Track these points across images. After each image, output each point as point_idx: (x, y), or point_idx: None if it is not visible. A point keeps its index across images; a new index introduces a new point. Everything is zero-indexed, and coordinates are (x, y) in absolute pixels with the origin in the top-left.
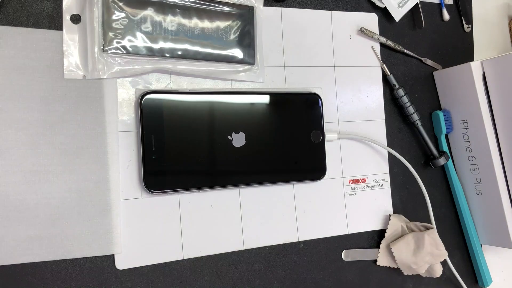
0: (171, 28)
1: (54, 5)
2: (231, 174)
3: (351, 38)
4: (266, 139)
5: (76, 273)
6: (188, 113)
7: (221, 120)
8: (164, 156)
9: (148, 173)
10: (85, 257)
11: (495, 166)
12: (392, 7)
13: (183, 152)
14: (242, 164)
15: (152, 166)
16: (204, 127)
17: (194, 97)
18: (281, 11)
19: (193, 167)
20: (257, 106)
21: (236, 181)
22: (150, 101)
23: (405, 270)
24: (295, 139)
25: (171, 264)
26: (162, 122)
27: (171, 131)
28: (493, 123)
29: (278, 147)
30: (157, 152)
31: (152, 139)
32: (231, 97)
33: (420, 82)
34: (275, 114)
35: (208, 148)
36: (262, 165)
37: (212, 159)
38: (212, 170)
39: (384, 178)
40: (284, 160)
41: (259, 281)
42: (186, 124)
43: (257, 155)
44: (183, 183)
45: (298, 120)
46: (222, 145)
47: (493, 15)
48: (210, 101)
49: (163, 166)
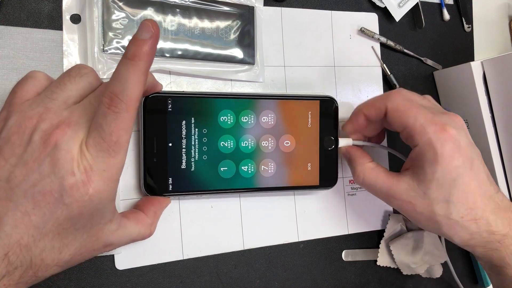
0: (171, 28)
1: (54, 5)
2: (238, 181)
3: (351, 38)
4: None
5: (76, 273)
6: (193, 116)
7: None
8: (166, 159)
9: (148, 176)
10: None
11: (495, 166)
12: (393, 7)
13: (186, 156)
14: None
15: (152, 170)
16: (210, 132)
17: (200, 100)
18: (281, 11)
19: (196, 173)
20: (268, 110)
21: (242, 188)
22: (153, 102)
23: (405, 270)
24: (307, 145)
25: (171, 264)
26: (165, 124)
27: (174, 134)
28: (493, 123)
29: (290, 153)
30: (158, 155)
31: (154, 142)
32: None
33: (420, 82)
34: (287, 118)
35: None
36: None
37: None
38: (217, 176)
39: None
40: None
41: (259, 281)
42: (190, 127)
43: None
44: (185, 188)
45: (312, 125)
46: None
47: (493, 15)
48: (217, 105)
49: (164, 170)
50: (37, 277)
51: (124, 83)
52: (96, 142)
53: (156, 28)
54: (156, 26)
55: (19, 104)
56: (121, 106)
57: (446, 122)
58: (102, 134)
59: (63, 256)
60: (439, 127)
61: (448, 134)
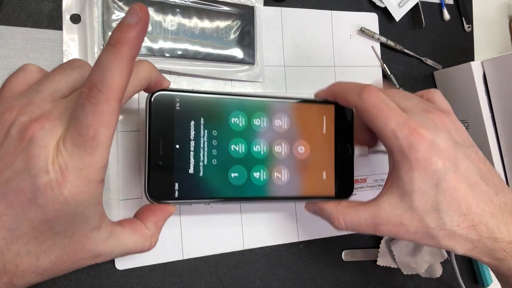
0: (171, 28)
1: (53, 5)
2: (249, 189)
3: (351, 38)
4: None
5: (75, 273)
6: (202, 117)
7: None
8: (172, 163)
9: (152, 181)
10: None
11: (495, 166)
12: (393, 7)
13: (194, 160)
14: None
15: (157, 173)
16: (220, 134)
17: (211, 99)
18: (281, 11)
19: (205, 178)
20: (281, 113)
21: (254, 196)
22: (160, 100)
23: (405, 270)
24: (322, 152)
25: (171, 265)
26: (172, 124)
27: (181, 135)
28: (493, 123)
29: (304, 160)
30: (164, 158)
31: (160, 143)
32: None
33: (420, 82)
34: (301, 122)
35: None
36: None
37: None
38: (227, 183)
39: (385, 178)
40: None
41: (259, 281)
42: (199, 128)
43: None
44: (192, 195)
45: (327, 131)
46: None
47: (493, 15)
48: (228, 105)
49: (171, 174)
50: (13, 284)
51: (104, 72)
52: (72, 137)
53: (144, 12)
54: (145, 10)
55: (6, 97)
56: (100, 97)
57: (421, 124)
58: (79, 128)
59: (41, 263)
60: (411, 130)
61: (420, 136)
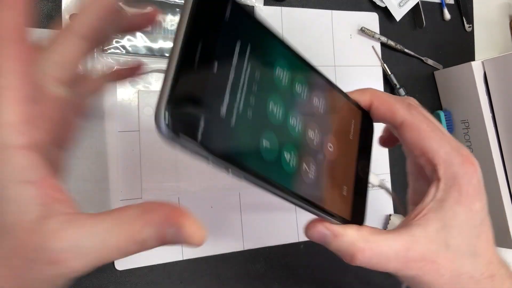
0: (170, 28)
1: (53, 4)
2: (275, 172)
3: (352, 38)
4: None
5: None
6: (250, 43)
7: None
8: (206, 85)
9: (176, 98)
10: None
11: (496, 166)
12: (393, 7)
13: (230, 98)
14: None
15: (186, 89)
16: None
17: (263, 28)
18: (281, 10)
19: (234, 131)
20: (320, 91)
21: (278, 183)
22: None
23: None
24: (346, 161)
25: (170, 265)
26: (217, 32)
27: (223, 55)
28: (494, 123)
29: (331, 162)
30: (199, 67)
31: (199, 44)
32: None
33: (421, 82)
34: (334, 114)
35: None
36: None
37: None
38: (255, 151)
39: (385, 178)
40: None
41: (259, 281)
42: (243, 56)
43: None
44: (216, 145)
45: (353, 138)
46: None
47: (494, 15)
48: (277, 48)
49: (199, 103)
50: None
51: None
52: None
53: None
54: None
55: None
56: None
57: (469, 152)
58: None
59: None
60: (465, 158)
61: (474, 168)
